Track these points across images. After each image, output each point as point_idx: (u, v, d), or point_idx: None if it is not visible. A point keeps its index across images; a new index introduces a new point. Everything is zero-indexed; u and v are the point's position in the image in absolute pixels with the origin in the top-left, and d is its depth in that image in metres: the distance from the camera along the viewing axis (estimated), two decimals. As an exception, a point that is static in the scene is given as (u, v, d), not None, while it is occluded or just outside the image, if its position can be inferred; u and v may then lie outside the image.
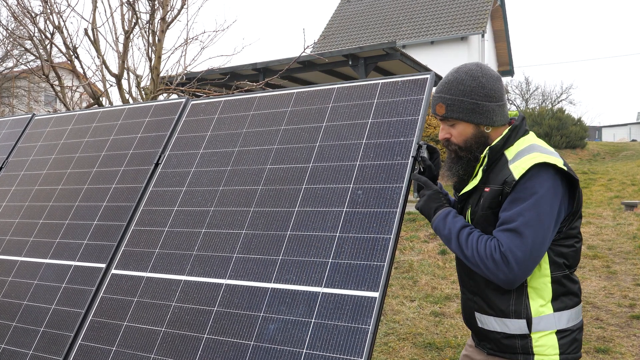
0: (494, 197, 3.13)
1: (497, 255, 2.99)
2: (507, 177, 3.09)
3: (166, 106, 5.01)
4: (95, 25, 9.48)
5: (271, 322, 3.31)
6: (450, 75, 3.36)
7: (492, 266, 3.00)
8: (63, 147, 5.38)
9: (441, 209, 3.32)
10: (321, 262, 3.39)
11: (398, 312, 9.38)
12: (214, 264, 3.75)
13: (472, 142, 3.31)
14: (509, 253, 2.96)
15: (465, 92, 3.25)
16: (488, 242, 3.06)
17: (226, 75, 19.03)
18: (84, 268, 4.31)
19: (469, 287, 3.42)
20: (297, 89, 4.37)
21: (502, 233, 3.03)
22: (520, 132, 3.31)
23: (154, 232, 4.17)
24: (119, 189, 4.63)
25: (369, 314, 3.09)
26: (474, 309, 3.37)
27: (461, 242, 3.15)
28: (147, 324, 3.72)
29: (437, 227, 3.30)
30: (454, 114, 3.28)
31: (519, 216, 2.99)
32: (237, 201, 3.97)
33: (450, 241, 3.21)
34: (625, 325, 8.51)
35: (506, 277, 2.98)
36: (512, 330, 3.14)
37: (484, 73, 3.29)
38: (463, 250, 3.14)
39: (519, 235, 2.97)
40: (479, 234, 3.14)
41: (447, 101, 3.29)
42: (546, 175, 3.02)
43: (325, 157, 3.82)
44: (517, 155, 3.16)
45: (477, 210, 3.24)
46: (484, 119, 3.26)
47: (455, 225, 3.21)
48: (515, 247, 2.95)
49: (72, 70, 9.75)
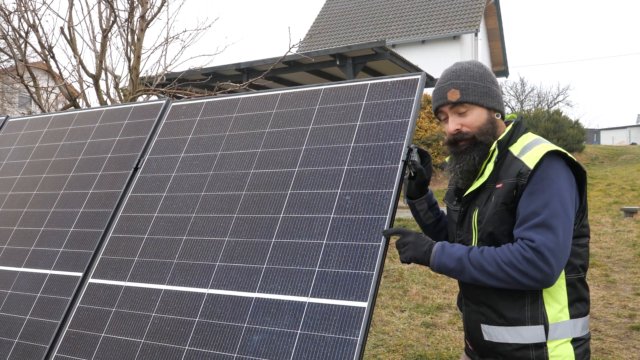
0: (509, 191, 3.09)
1: (530, 253, 2.91)
2: (520, 168, 3.07)
3: (146, 108, 5.01)
4: (72, 23, 9.47)
5: (255, 333, 3.31)
6: (454, 67, 3.39)
7: (527, 267, 2.92)
8: (38, 150, 5.38)
9: (433, 246, 3.22)
10: (307, 271, 3.40)
11: (388, 323, 9.39)
12: (196, 272, 3.76)
13: (488, 128, 3.30)
14: (543, 248, 2.89)
15: (476, 77, 3.29)
16: (510, 247, 3.00)
17: (208, 75, 19.04)
18: (60, 277, 4.30)
19: (474, 297, 3.32)
20: (282, 90, 4.38)
21: (528, 231, 2.97)
22: (522, 130, 3.33)
23: (133, 240, 4.17)
24: (97, 194, 4.63)
25: (357, 324, 3.09)
26: (480, 321, 3.28)
27: (478, 263, 3.05)
28: (126, 336, 3.72)
29: (442, 264, 3.17)
30: (470, 97, 3.28)
31: (544, 208, 2.95)
32: (219, 207, 3.97)
33: (464, 269, 3.10)
34: (625, 336, 8.53)
35: (544, 275, 2.91)
36: (527, 339, 3.08)
37: (482, 65, 3.37)
38: (485, 269, 3.03)
39: (548, 228, 2.92)
40: (492, 247, 3.08)
41: (461, 85, 3.30)
42: (559, 163, 3.03)
43: (311, 162, 3.83)
44: (524, 149, 3.16)
45: (485, 210, 3.19)
46: (497, 104, 3.31)
47: (460, 250, 3.13)
48: (548, 240, 2.90)
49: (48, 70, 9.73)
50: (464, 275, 3.12)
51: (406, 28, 38.29)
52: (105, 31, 9.41)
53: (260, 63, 20.48)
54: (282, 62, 19.30)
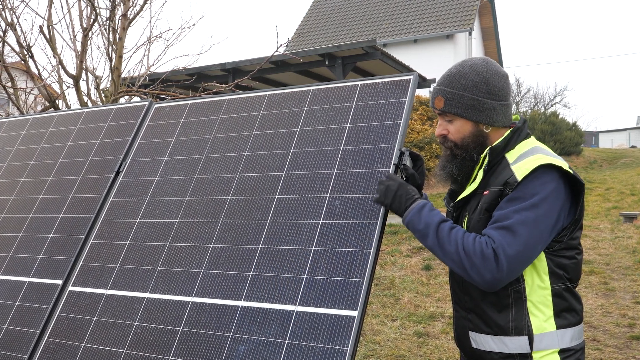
0: (493, 199, 3.14)
1: (488, 251, 2.96)
2: (508, 177, 3.09)
3: (128, 109, 5.01)
4: (52, 22, 9.44)
5: (241, 343, 3.32)
6: (454, 68, 3.39)
7: (480, 263, 2.97)
8: (16, 153, 5.37)
9: (414, 202, 3.27)
10: (295, 279, 3.40)
11: (378, 333, 9.40)
12: (180, 280, 3.76)
13: (470, 140, 3.33)
14: (500, 250, 2.94)
15: (467, 87, 3.28)
16: (477, 238, 3.04)
17: (193, 76, 19.00)
18: (39, 285, 4.30)
19: (462, 304, 3.40)
20: (269, 91, 4.38)
21: (494, 230, 3.02)
22: (522, 135, 3.33)
23: (114, 246, 4.17)
24: (77, 199, 4.63)
25: (347, 334, 3.10)
26: (468, 328, 3.34)
27: (442, 237, 3.11)
28: (107, 345, 3.72)
29: (411, 221, 3.24)
30: (452, 109, 3.31)
31: (515, 214, 2.99)
32: (204, 212, 3.98)
33: (427, 236, 3.17)
34: (624, 346, 8.55)
35: (492, 276, 2.96)
36: (512, 349, 3.12)
37: (490, 69, 3.31)
38: (443, 246, 3.10)
39: (512, 233, 2.96)
40: (463, 230, 3.14)
41: (447, 94, 3.32)
42: (549, 177, 3.04)
43: (299, 165, 3.84)
44: (519, 158, 3.17)
45: (474, 217, 3.24)
46: (484, 117, 3.29)
47: (434, 219, 3.18)
48: (507, 245, 2.94)
49: (26, 70, 9.70)
50: (425, 242, 3.21)
51: (398, 27, 38.36)
52: (85, 30, 9.39)
53: (246, 63, 20.49)
54: (269, 62, 19.29)
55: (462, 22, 36.38)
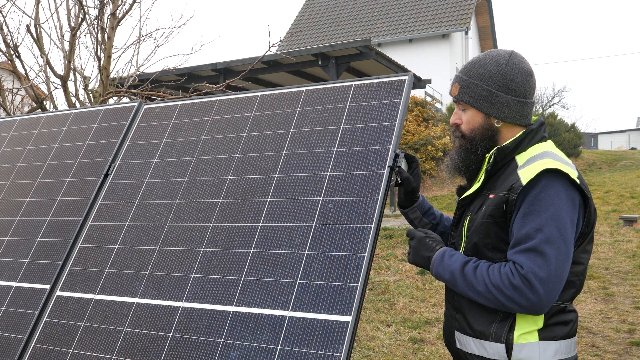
0: (498, 204, 3.09)
1: (517, 280, 2.91)
2: (514, 182, 3.05)
3: (117, 111, 5.00)
4: (39, 21, 9.44)
5: (233, 349, 3.32)
6: (477, 57, 3.39)
7: (512, 294, 2.92)
8: (3, 155, 5.36)
9: (434, 253, 3.26)
10: (288, 283, 3.40)
11: (373, 338, 9.39)
12: (170, 285, 3.75)
13: (477, 133, 3.32)
14: (531, 275, 2.88)
15: (483, 77, 3.27)
16: (502, 269, 3.00)
17: (183, 76, 19.02)
18: (26, 289, 4.29)
19: (453, 303, 3.39)
20: (261, 91, 4.38)
21: (519, 254, 2.96)
22: (537, 138, 3.28)
23: (103, 250, 4.17)
24: (65, 202, 4.62)
25: (341, 340, 3.10)
26: (454, 327, 3.35)
27: (469, 280, 3.08)
28: (96, 352, 3.71)
29: (438, 274, 3.23)
30: (465, 97, 3.31)
31: (538, 232, 2.92)
32: (195, 216, 3.98)
33: (457, 284, 3.14)
34: (624, 352, 8.54)
35: (531, 304, 2.90)
36: (490, 354, 3.10)
37: (511, 62, 3.28)
38: (475, 288, 3.06)
39: (539, 254, 2.90)
40: (487, 264, 3.09)
41: (463, 82, 3.33)
42: (560, 184, 2.98)
43: (292, 167, 3.84)
44: (528, 161, 3.11)
45: (476, 218, 3.21)
46: (495, 111, 3.26)
47: (455, 264, 3.15)
48: (538, 268, 2.88)
49: (13, 70, 9.69)
50: (457, 289, 3.17)
51: (393, 26, 38.38)
52: (74, 29, 9.38)
53: (238, 63, 20.47)
54: (261, 62, 19.31)
55: (458, 21, 36.40)
